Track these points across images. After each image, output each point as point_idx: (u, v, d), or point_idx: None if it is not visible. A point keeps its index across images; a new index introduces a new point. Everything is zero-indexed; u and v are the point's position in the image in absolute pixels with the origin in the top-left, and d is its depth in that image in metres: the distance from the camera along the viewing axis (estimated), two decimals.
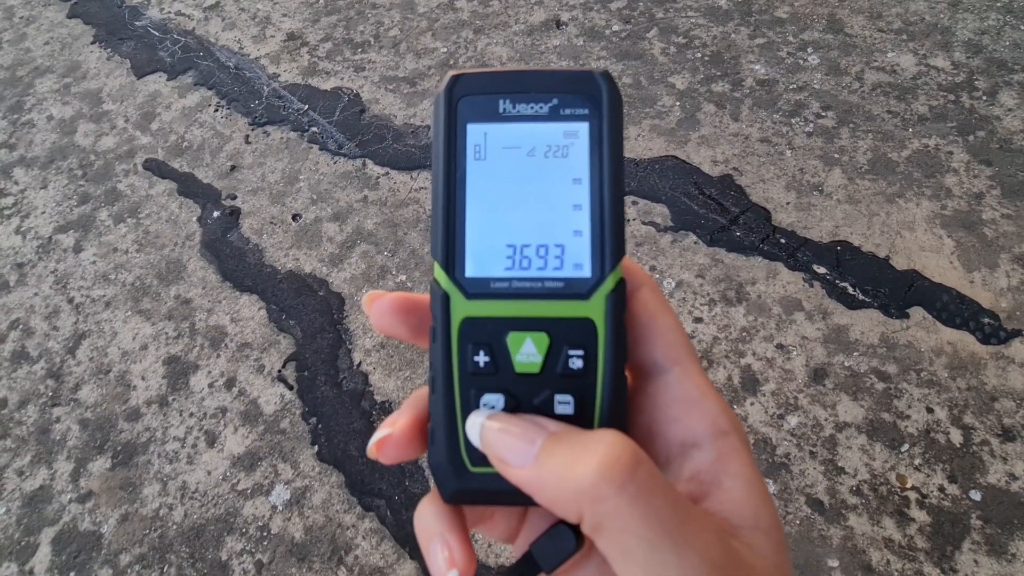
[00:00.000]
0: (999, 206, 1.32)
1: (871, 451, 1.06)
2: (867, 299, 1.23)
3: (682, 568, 0.20)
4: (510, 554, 1.01)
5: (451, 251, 0.25)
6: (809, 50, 1.65)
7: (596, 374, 0.24)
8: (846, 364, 1.16)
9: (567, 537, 0.23)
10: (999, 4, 1.68)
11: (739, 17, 1.76)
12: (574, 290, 0.25)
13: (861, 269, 1.27)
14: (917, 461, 1.05)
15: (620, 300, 0.25)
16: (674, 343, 0.25)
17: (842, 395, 1.12)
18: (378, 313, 0.27)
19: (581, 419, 0.24)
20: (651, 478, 0.21)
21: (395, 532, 1.08)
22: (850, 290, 1.24)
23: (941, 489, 1.02)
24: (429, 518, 0.25)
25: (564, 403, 0.24)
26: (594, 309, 0.24)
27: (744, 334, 1.21)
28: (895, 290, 1.23)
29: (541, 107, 0.25)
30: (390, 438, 0.26)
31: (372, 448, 0.26)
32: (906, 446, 1.06)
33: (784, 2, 1.78)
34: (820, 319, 1.21)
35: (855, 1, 1.75)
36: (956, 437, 1.06)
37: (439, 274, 0.25)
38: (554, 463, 0.22)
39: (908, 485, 1.03)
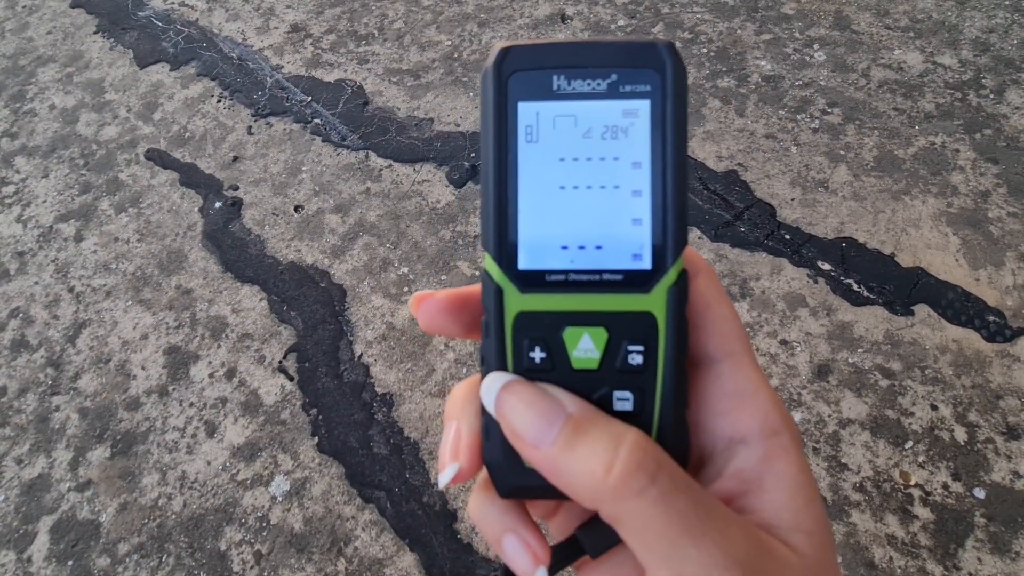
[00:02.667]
0: (1005, 204, 1.31)
1: (875, 448, 1.06)
2: (872, 296, 1.22)
3: (702, 562, 0.19)
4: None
5: (503, 242, 0.24)
6: (815, 47, 1.65)
7: (656, 370, 0.23)
8: (850, 361, 1.15)
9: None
10: (1007, 2, 1.67)
11: (745, 13, 1.75)
12: (634, 283, 0.23)
13: (866, 266, 1.26)
14: (921, 458, 1.04)
15: (682, 293, 0.23)
16: (728, 334, 0.24)
17: (846, 392, 1.12)
18: (428, 314, 0.26)
19: (640, 416, 0.24)
20: (672, 481, 0.20)
21: (395, 524, 1.07)
22: (855, 287, 1.23)
23: (945, 486, 1.01)
24: (495, 514, 0.25)
25: (623, 399, 0.24)
26: (655, 303, 0.23)
27: (748, 330, 1.21)
28: (900, 287, 1.22)
29: (599, 83, 0.23)
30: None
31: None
32: (910, 443, 1.06)
33: None
34: (824, 315, 1.21)
35: None
36: (960, 435, 1.05)
37: (491, 266, 0.24)
38: (575, 456, 0.21)
39: (912, 482, 1.02)
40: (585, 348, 0.24)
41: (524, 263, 0.24)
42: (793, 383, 1.14)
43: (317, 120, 1.70)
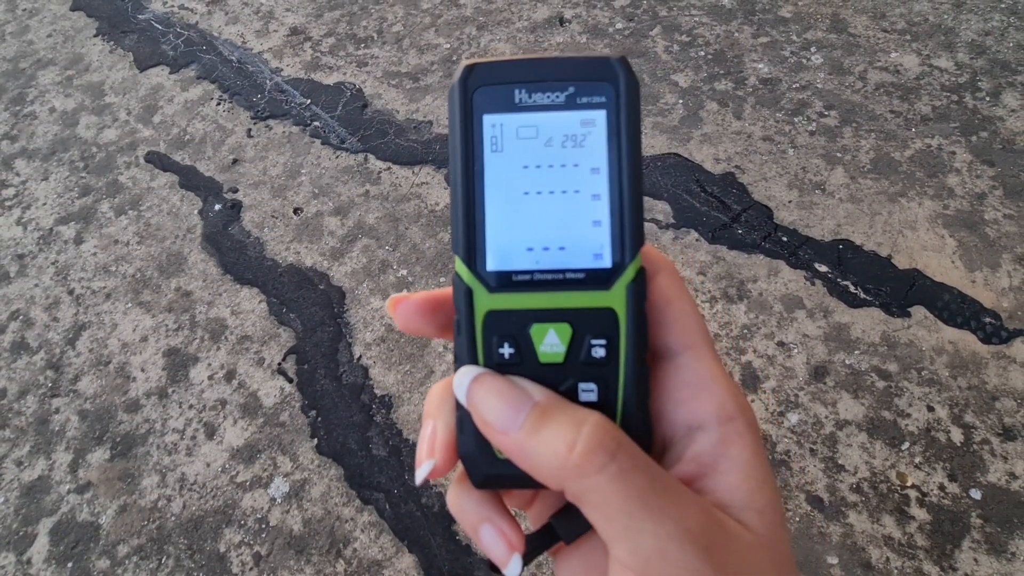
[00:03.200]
0: (1001, 206, 1.32)
1: (871, 449, 1.06)
2: (869, 297, 1.23)
3: (658, 534, 0.21)
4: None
5: (472, 245, 0.25)
6: (812, 49, 1.65)
7: (619, 362, 0.25)
8: (847, 362, 1.15)
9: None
10: (1003, 5, 1.68)
11: (742, 16, 1.76)
12: (595, 280, 0.25)
13: (863, 268, 1.26)
14: (917, 459, 1.04)
15: (641, 289, 0.25)
16: (688, 328, 0.26)
17: (843, 393, 1.12)
18: (404, 315, 0.27)
19: (604, 406, 0.25)
20: (631, 459, 0.22)
21: (393, 525, 1.08)
22: (852, 288, 1.24)
23: (941, 487, 1.02)
24: (472, 505, 0.26)
25: (588, 391, 0.25)
26: (615, 299, 0.25)
27: (745, 331, 1.21)
28: (897, 289, 1.23)
29: (557, 96, 0.25)
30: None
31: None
32: (906, 444, 1.06)
33: (788, 1, 1.78)
34: (821, 317, 1.21)
35: (859, 1, 1.75)
36: (957, 436, 1.06)
37: (461, 268, 0.25)
38: (540, 438, 0.23)
39: (908, 483, 1.03)
40: (551, 343, 0.25)
41: (492, 265, 0.25)
42: (790, 384, 1.14)
43: (316, 123, 1.71)
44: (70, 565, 1.10)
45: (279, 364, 1.29)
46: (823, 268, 1.27)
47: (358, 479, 1.13)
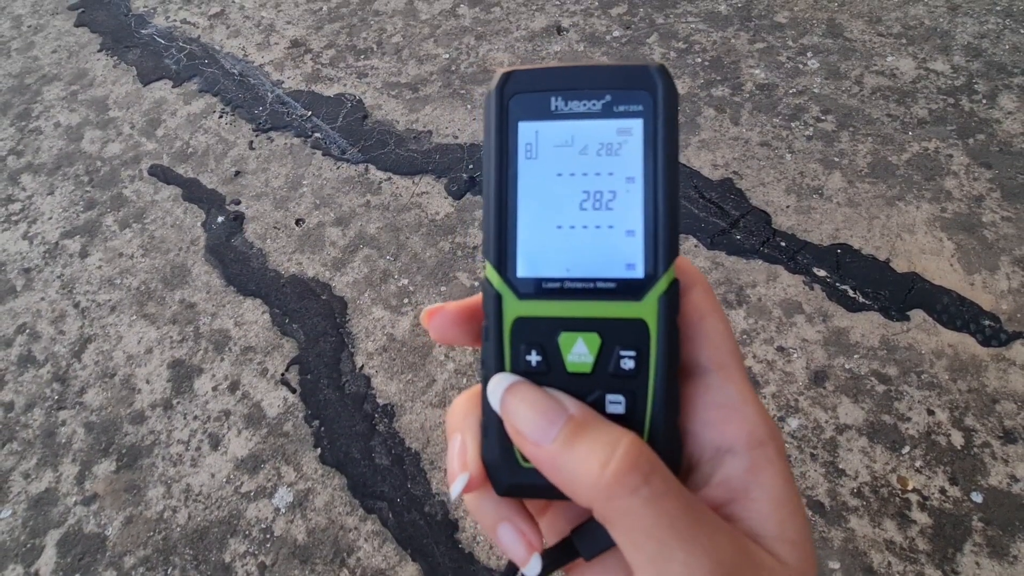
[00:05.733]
0: (999, 209, 1.32)
1: (872, 453, 1.06)
2: (867, 301, 1.23)
3: (688, 564, 0.20)
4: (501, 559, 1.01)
5: (503, 251, 0.25)
6: (809, 54, 1.66)
7: (648, 375, 0.24)
8: (847, 366, 1.16)
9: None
10: (998, 8, 1.68)
11: (739, 22, 1.77)
12: (626, 291, 0.24)
13: (861, 272, 1.27)
14: (918, 463, 1.05)
15: (673, 301, 0.24)
16: (720, 346, 0.25)
17: (843, 397, 1.13)
18: (439, 326, 0.27)
19: (632, 419, 0.24)
20: (665, 484, 0.21)
21: (397, 534, 1.08)
22: (850, 293, 1.24)
23: (942, 491, 1.02)
24: (490, 504, 0.26)
25: (615, 403, 0.25)
26: (646, 310, 0.24)
27: (744, 336, 1.22)
28: (895, 293, 1.23)
29: (594, 104, 0.25)
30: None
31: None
32: (907, 448, 1.06)
33: (784, 7, 1.79)
34: (820, 322, 1.22)
35: (855, 6, 1.76)
36: (957, 439, 1.06)
37: (491, 274, 0.25)
38: (573, 454, 0.22)
39: (909, 487, 1.03)
40: (579, 352, 0.25)
41: (522, 271, 0.25)
42: (790, 389, 1.15)
43: (317, 134, 1.72)
44: None
45: (282, 375, 1.30)
46: (822, 273, 1.28)
47: (361, 488, 1.14)
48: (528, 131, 0.25)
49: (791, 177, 1.43)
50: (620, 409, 0.24)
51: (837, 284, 1.26)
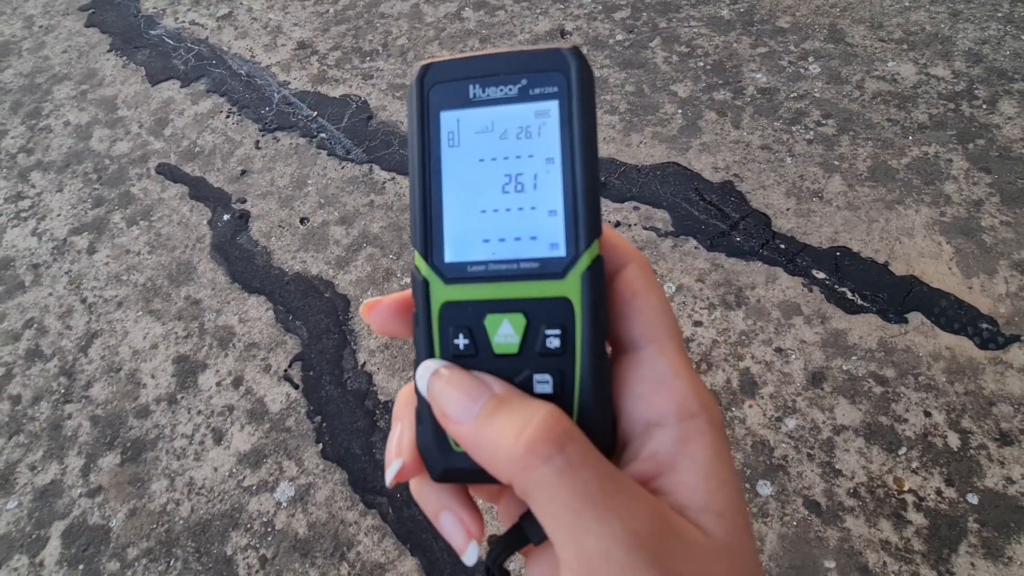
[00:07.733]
0: (998, 213, 1.33)
1: (868, 454, 1.07)
2: (866, 304, 1.24)
3: (603, 535, 0.19)
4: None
5: (429, 238, 0.25)
6: (810, 59, 1.68)
7: (574, 353, 0.24)
8: (844, 368, 1.17)
9: None
10: (999, 14, 1.69)
11: (741, 27, 1.79)
12: (549, 270, 0.24)
13: (860, 274, 1.28)
14: (915, 464, 1.05)
15: (597, 278, 0.24)
16: (654, 321, 0.25)
17: (840, 398, 1.13)
18: (378, 319, 0.28)
19: (561, 398, 0.24)
20: (580, 453, 0.21)
21: (396, 529, 1.09)
22: (849, 295, 1.25)
23: (938, 492, 1.02)
24: (432, 492, 0.26)
25: (543, 383, 0.24)
26: (570, 288, 0.24)
27: (743, 338, 1.23)
28: (894, 295, 1.24)
29: (511, 89, 0.25)
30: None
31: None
32: (904, 449, 1.07)
33: (786, 12, 1.81)
34: (819, 323, 1.23)
35: (856, 11, 1.77)
36: (954, 441, 1.07)
37: (419, 261, 0.26)
38: (492, 427, 0.22)
39: (905, 488, 1.03)
40: (505, 334, 0.25)
41: (449, 256, 0.25)
42: (788, 390, 1.15)
43: (323, 134, 1.74)
44: (81, 567, 1.13)
45: (285, 371, 1.32)
46: (821, 275, 1.29)
47: (362, 483, 1.15)
48: (449, 120, 0.26)
49: (791, 180, 1.44)
50: (548, 388, 0.24)
51: (836, 286, 1.27)
